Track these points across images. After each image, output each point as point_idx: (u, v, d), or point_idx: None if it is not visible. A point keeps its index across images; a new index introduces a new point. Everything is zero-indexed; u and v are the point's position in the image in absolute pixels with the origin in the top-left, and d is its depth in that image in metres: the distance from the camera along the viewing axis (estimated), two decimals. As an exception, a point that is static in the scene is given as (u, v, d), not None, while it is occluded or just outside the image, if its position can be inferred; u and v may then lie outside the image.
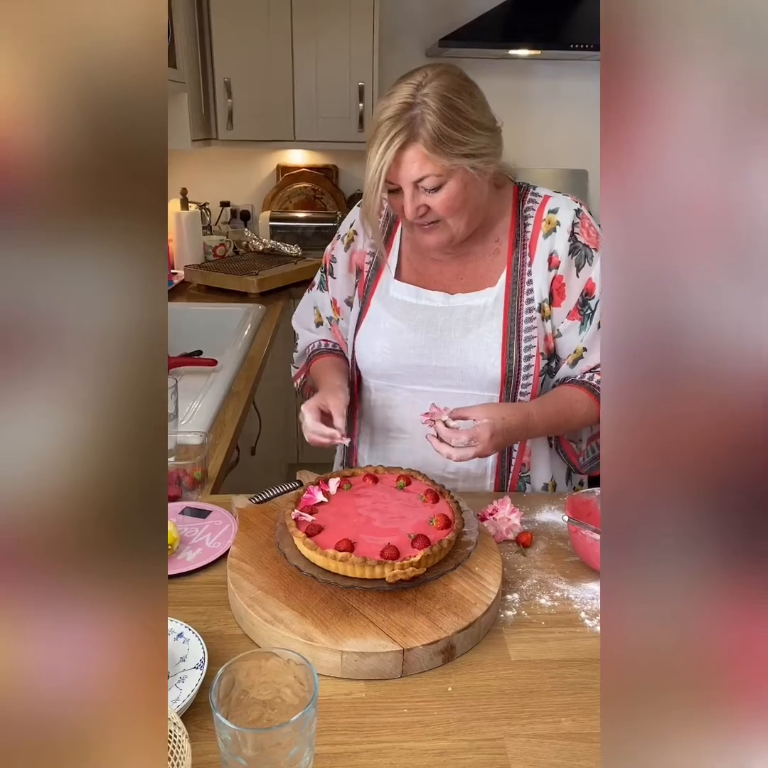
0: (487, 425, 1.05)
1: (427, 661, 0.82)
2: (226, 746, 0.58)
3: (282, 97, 2.78)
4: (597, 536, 0.97)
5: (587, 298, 1.17)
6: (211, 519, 1.10)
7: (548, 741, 0.74)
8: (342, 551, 0.89)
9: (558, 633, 0.89)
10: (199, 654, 0.79)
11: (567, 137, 3.17)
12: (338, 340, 1.38)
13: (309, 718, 0.59)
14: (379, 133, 1.03)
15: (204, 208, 3.04)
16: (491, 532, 1.05)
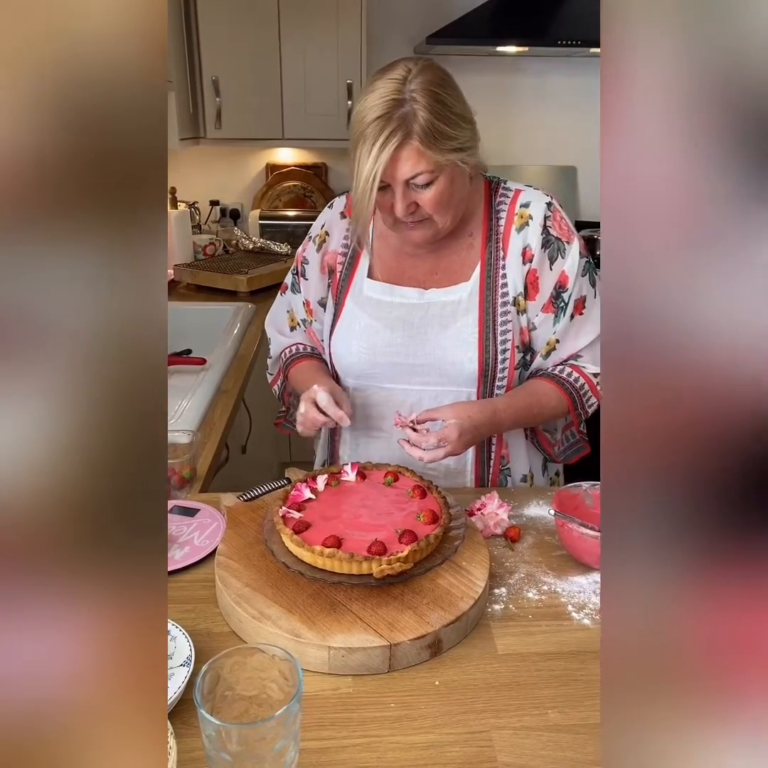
0: (455, 425, 1.07)
1: (414, 656, 0.82)
2: (211, 742, 0.58)
3: (270, 95, 2.77)
4: (584, 530, 0.98)
5: (561, 291, 1.18)
6: (199, 517, 1.10)
7: (535, 733, 0.74)
8: (329, 547, 0.89)
9: (545, 626, 0.90)
10: (186, 651, 0.79)
11: (555, 134, 3.17)
12: (314, 342, 1.35)
13: (293, 713, 0.59)
14: (369, 132, 1.01)
15: (193, 207, 3.03)
16: (479, 527, 1.06)
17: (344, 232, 1.26)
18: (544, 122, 3.16)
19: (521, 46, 2.75)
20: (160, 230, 0.50)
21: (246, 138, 2.85)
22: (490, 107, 3.09)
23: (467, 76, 3.64)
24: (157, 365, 0.50)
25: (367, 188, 1.02)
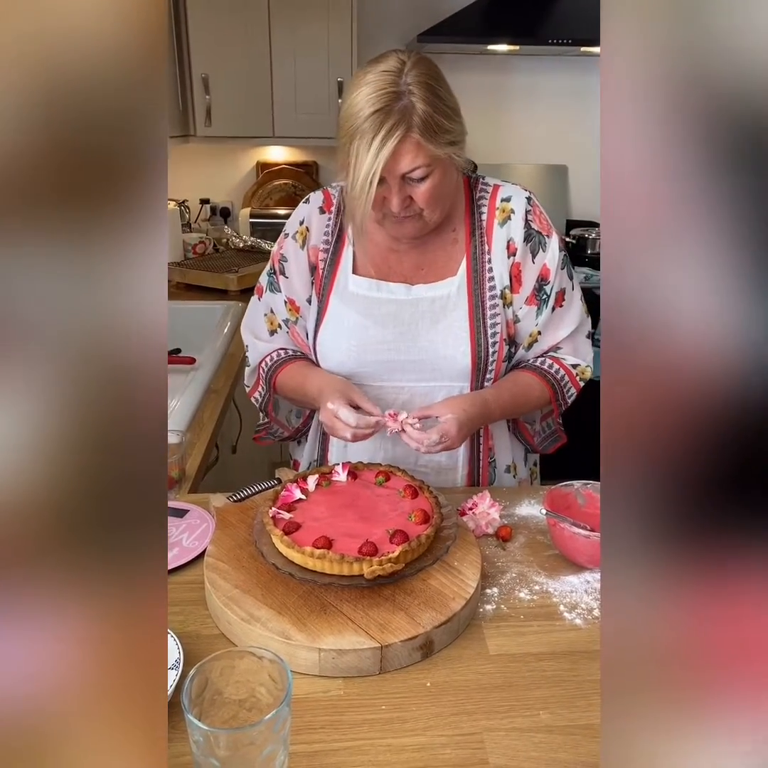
0: (453, 420, 1.07)
1: (405, 657, 0.82)
2: (199, 747, 0.57)
3: (260, 93, 2.75)
4: (575, 529, 0.97)
5: (543, 284, 1.20)
6: (188, 518, 1.08)
7: (526, 734, 0.74)
8: (320, 548, 0.88)
9: (537, 626, 0.89)
10: (174, 654, 0.78)
11: (546, 132, 3.17)
12: (298, 343, 1.29)
13: (282, 717, 0.59)
14: (368, 126, 0.99)
15: (183, 205, 3.01)
16: (471, 526, 1.05)
17: (324, 228, 1.23)
18: (535, 121, 3.16)
19: (512, 44, 2.75)
20: (159, 228, 0.49)
21: (236, 136, 2.83)
22: (481, 106, 3.09)
23: (458, 74, 3.63)
24: (156, 363, 0.50)
25: (367, 183, 1.01)
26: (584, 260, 2.86)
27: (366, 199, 1.03)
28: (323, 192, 1.25)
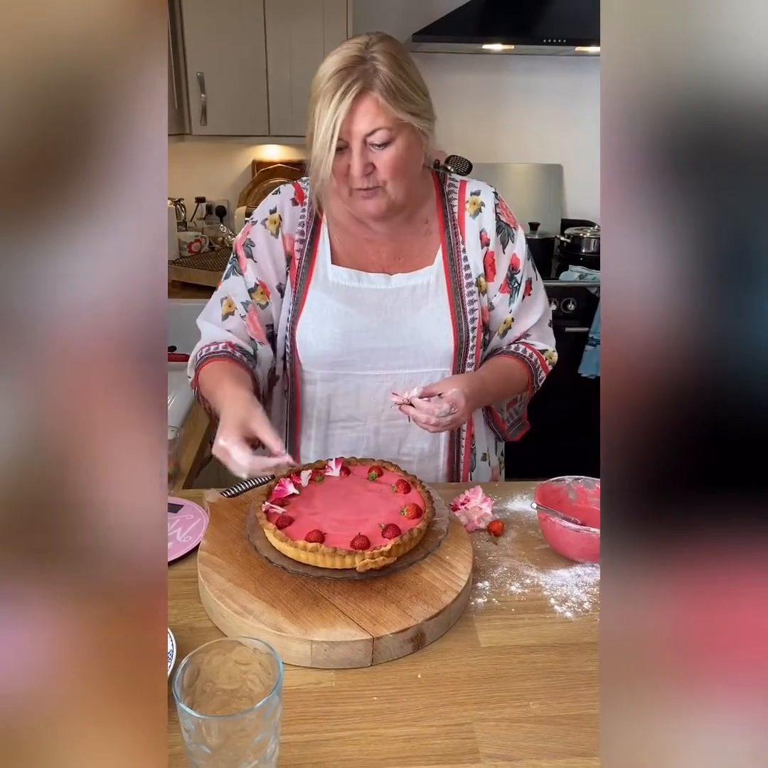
0: (460, 392, 1.08)
1: (397, 649, 0.82)
2: (190, 735, 0.58)
3: (256, 91, 2.76)
4: (566, 523, 0.98)
5: (513, 273, 1.25)
6: (182, 513, 1.09)
7: (516, 724, 0.75)
8: (312, 542, 0.89)
9: (528, 619, 0.90)
10: (167, 647, 0.78)
11: (542, 132, 3.18)
12: (253, 330, 1.21)
13: (273, 705, 0.59)
14: (329, 86, 1.01)
15: (179, 203, 3.01)
16: (463, 521, 1.06)
17: (299, 219, 1.21)
18: (530, 120, 3.17)
19: (507, 44, 2.75)
20: (159, 226, 0.50)
21: (232, 134, 2.83)
22: (477, 105, 3.10)
23: (453, 74, 3.63)
24: (157, 359, 0.50)
25: (326, 141, 1.02)
26: (579, 259, 2.87)
27: (327, 156, 1.02)
28: (294, 185, 1.24)
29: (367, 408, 1.23)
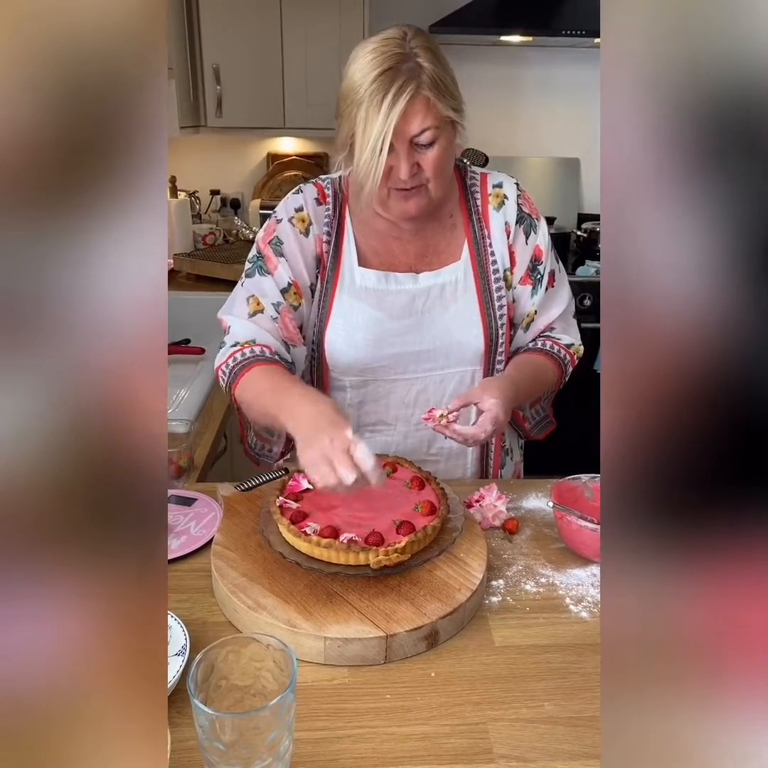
0: (498, 404, 1.05)
1: (410, 647, 0.82)
2: (204, 732, 0.58)
3: (272, 84, 2.75)
4: (582, 522, 0.97)
5: (536, 264, 1.23)
6: (196, 507, 1.09)
7: (531, 725, 0.74)
8: (326, 538, 0.88)
9: (542, 619, 0.89)
10: (180, 641, 0.78)
11: (559, 125, 3.14)
12: (288, 332, 1.16)
13: (287, 703, 0.59)
14: (375, 88, 0.97)
15: (193, 196, 3.01)
16: (478, 518, 1.05)
17: (324, 219, 1.17)
18: (547, 113, 3.13)
19: (525, 35, 2.72)
20: (158, 219, 0.49)
21: (247, 127, 2.82)
22: (494, 98, 3.07)
23: (470, 65, 3.59)
24: (156, 353, 0.50)
25: (379, 143, 0.98)
26: (596, 254, 2.84)
27: (378, 161, 0.99)
28: (314, 185, 1.20)
29: (397, 412, 1.22)
